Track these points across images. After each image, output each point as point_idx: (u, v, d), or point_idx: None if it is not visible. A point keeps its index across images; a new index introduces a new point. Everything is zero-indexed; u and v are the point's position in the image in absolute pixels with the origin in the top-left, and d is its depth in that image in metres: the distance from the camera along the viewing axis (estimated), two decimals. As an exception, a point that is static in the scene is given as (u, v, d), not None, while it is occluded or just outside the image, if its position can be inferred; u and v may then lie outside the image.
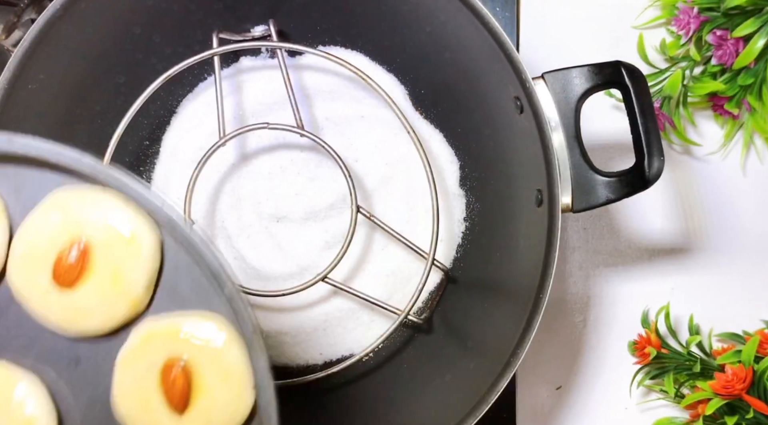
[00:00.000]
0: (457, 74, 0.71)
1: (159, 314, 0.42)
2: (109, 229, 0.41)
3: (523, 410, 0.83)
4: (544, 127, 0.59)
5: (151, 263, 0.41)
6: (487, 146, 0.72)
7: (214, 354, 0.40)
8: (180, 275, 0.41)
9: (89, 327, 0.42)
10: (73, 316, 0.41)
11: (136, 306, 0.42)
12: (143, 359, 0.41)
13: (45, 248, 0.41)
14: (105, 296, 0.41)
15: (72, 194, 0.42)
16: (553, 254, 0.59)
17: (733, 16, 0.80)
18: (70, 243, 0.41)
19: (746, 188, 0.87)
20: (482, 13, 0.61)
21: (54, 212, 0.41)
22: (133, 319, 0.42)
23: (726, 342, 0.84)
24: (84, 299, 0.41)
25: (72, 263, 0.41)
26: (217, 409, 0.40)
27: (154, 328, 0.41)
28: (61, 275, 0.41)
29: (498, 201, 0.72)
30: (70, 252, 0.41)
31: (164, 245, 0.42)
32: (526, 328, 0.59)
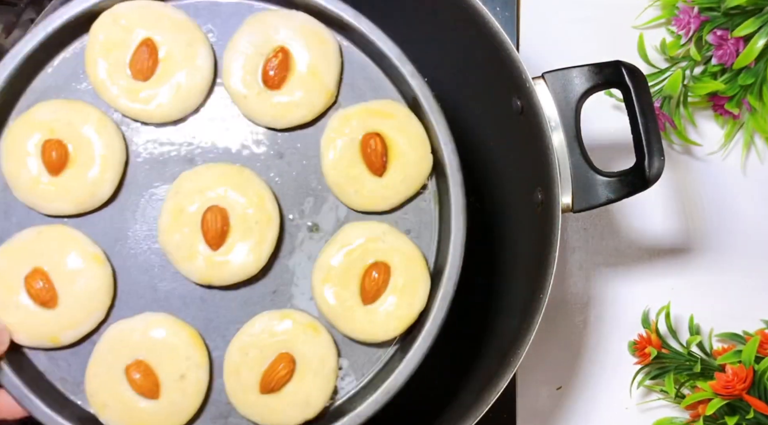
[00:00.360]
0: (457, 74, 0.71)
1: (346, 106, 0.53)
2: (304, 35, 0.51)
3: (523, 410, 0.83)
4: (544, 127, 0.59)
5: (338, 61, 0.52)
6: (487, 146, 0.72)
7: (400, 124, 0.52)
8: (356, 74, 0.53)
9: (296, 117, 0.51)
10: (283, 110, 0.51)
11: (331, 97, 0.52)
12: (345, 135, 0.51)
13: (253, 57, 0.51)
14: (307, 90, 0.51)
15: (267, 13, 0.52)
16: (553, 254, 0.59)
17: (733, 15, 0.80)
18: (274, 51, 0.51)
19: (746, 188, 0.87)
20: (482, 13, 0.61)
21: (257, 28, 0.51)
22: (327, 110, 0.53)
23: (726, 342, 0.84)
24: (291, 95, 0.51)
25: (277, 67, 0.51)
26: (409, 167, 0.52)
27: (348, 111, 0.52)
28: (270, 77, 0.51)
29: (498, 201, 0.72)
30: (274, 57, 0.51)
31: (342, 49, 0.53)
32: (526, 328, 0.59)
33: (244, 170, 0.51)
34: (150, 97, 0.50)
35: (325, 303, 0.51)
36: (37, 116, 0.50)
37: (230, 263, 0.50)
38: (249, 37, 0.51)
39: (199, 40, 0.51)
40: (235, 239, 0.50)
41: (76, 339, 0.50)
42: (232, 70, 0.51)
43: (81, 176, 0.50)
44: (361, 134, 0.52)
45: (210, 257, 0.50)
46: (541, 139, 0.60)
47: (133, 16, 0.50)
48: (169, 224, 0.50)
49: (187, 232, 0.50)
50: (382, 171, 0.52)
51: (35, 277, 0.49)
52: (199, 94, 0.51)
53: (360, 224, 0.52)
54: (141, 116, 0.51)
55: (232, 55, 0.51)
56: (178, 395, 0.50)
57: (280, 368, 0.50)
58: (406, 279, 0.51)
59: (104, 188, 0.50)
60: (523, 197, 0.64)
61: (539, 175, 0.61)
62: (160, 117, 0.51)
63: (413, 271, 0.52)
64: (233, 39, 0.51)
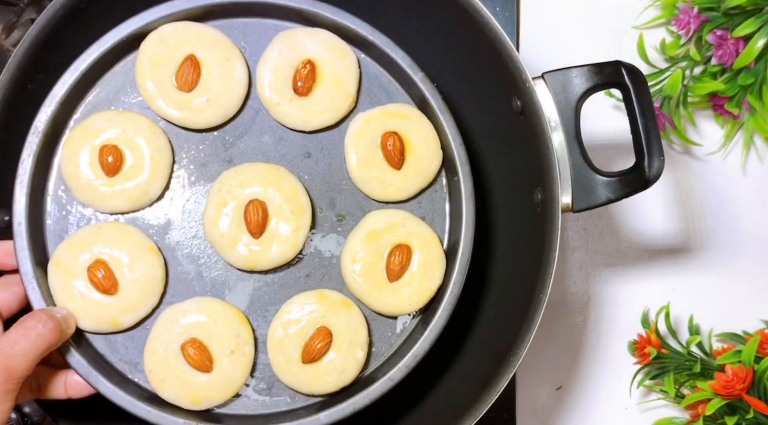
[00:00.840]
0: (457, 74, 0.71)
1: (366, 110, 0.60)
2: (328, 49, 0.59)
3: (523, 410, 0.83)
4: (544, 127, 0.59)
5: (357, 71, 0.60)
6: (487, 146, 0.72)
7: (414, 125, 0.59)
8: (372, 82, 0.61)
9: (323, 120, 0.59)
10: (311, 114, 0.58)
11: (352, 102, 0.59)
12: (367, 135, 0.59)
13: (284, 68, 0.58)
14: (332, 96, 0.59)
15: (295, 31, 0.59)
16: (552, 254, 0.59)
17: (733, 15, 0.80)
18: (302, 63, 0.58)
19: (746, 188, 0.87)
20: (482, 13, 0.61)
21: (287, 43, 0.58)
22: (349, 114, 0.60)
23: (726, 342, 0.84)
24: (318, 100, 0.59)
25: (306, 77, 0.58)
26: (423, 161, 0.59)
27: (369, 113, 0.59)
28: (299, 86, 0.58)
29: (498, 201, 0.72)
30: (303, 68, 0.58)
31: (359, 60, 0.60)
32: (526, 328, 0.59)
33: (279, 168, 0.58)
34: (193, 106, 0.57)
35: (355, 282, 0.58)
36: (94, 125, 0.56)
37: (270, 250, 0.57)
38: (279, 51, 0.58)
39: (235, 55, 0.58)
40: (273, 228, 0.57)
41: (134, 323, 0.56)
42: (265, 81, 0.58)
43: (134, 177, 0.56)
44: (380, 133, 0.59)
45: (252, 245, 0.56)
46: (541, 139, 0.60)
47: (178, 35, 0.57)
48: (214, 217, 0.56)
49: (231, 223, 0.56)
50: (400, 165, 0.59)
51: (97, 267, 0.55)
52: (237, 102, 0.58)
53: (382, 212, 0.59)
54: (186, 122, 0.58)
55: (264, 67, 0.58)
56: (229, 368, 0.56)
57: (319, 340, 0.56)
58: (425, 259, 0.58)
59: (155, 187, 0.57)
60: (523, 197, 0.64)
61: (539, 175, 0.61)
62: (203, 123, 0.58)
63: (431, 251, 0.58)
64: (265, 53, 0.58)
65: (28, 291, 0.54)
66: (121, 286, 0.55)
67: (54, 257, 0.55)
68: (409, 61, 0.59)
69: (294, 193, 0.57)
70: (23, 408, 0.76)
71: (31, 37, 0.61)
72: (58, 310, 0.54)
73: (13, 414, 0.75)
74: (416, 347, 0.57)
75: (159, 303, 0.57)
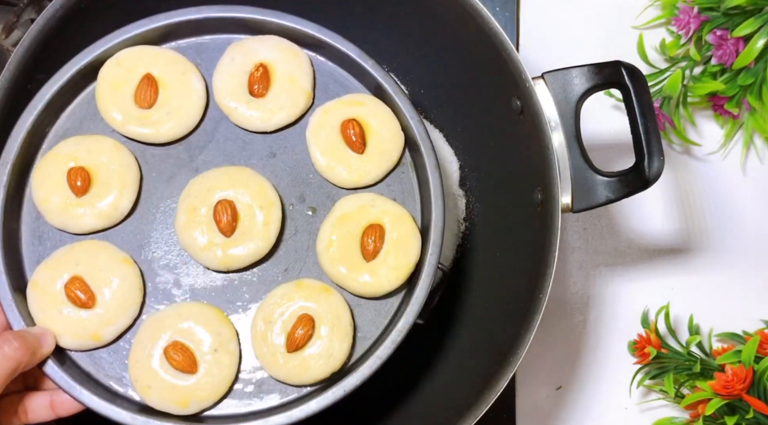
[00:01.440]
0: (457, 74, 0.71)
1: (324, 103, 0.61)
2: (279, 51, 0.60)
3: (523, 410, 0.83)
4: (544, 127, 0.59)
5: (310, 69, 0.61)
6: (487, 146, 0.72)
7: (371, 110, 0.60)
8: (326, 79, 0.62)
9: (283, 118, 0.60)
10: (270, 114, 0.60)
11: (309, 97, 0.61)
12: (327, 125, 0.60)
13: (238, 74, 0.60)
14: (288, 94, 0.60)
15: (245, 41, 0.61)
16: (552, 254, 0.59)
17: (733, 15, 0.80)
18: (255, 67, 0.60)
19: (746, 188, 0.87)
20: (482, 13, 0.61)
21: (238, 51, 0.60)
22: (307, 110, 0.61)
23: (726, 342, 0.84)
24: (274, 100, 0.60)
25: (260, 79, 0.60)
26: (385, 142, 0.60)
27: (327, 105, 0.61)
28: (255, 89, 0.60)
29: (498, 201, 0.72)
30: (256, 71, 0.60)
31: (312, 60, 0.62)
32: (526, 328, 0.59)
33: (244, 168, 0.59)
34: (155, 121, 0.59)
35: (333, 268, 0.58)
36: (61, 150, 0.58)
37: (243, 247, 0.57)
38: (232, 59, 0.60)
39: (190, 69, 0.60)
40: (244, 225, 0.57)
41: (116, 335, 0.57)
42: (221, 88, 0.60)
43: (104, 195, 0.57)
44: (339, 122, 0.60)
45: (225, 244, 0.57)
46: (540, 139, 0.60)
47: (134, 58, 0.59)
48: (185, 223, 0.57)
49: (202, 226, 0.57)
50: (362, 149, 0.59)
51: (73, 283, 0.55)
52: (196, 112, 0.60)
53: (352, 197, 0.60)
54: (149, 138, 0.59)
55: (219, 76, 0.60)
56: (215, 367, 0.56)
57: (302, 327, 0.56)
58: (399, 235, 0.58)
59: (124, 202, 0.58)
60: (523, 197, 0.64)
61: (539, 175, 0.61)
62: (166, 137, 0.59)
63: (404, 227, 0.59)
64: (220, 63, 0.60)
65: (8, 316, 0.55)
66: (98, 299, 0.56)
67: (32, 281, 0.56)
68: (359, 52, 0.60)
69: (261, 189, 0.58)
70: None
71: (30, 37, 0.61)
72: (30, 330, 0.54)
73: None
74: (401, 322, 0.57)
75: (139, 314, 0.57)
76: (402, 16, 0.70)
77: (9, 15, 0.76)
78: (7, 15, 0.76)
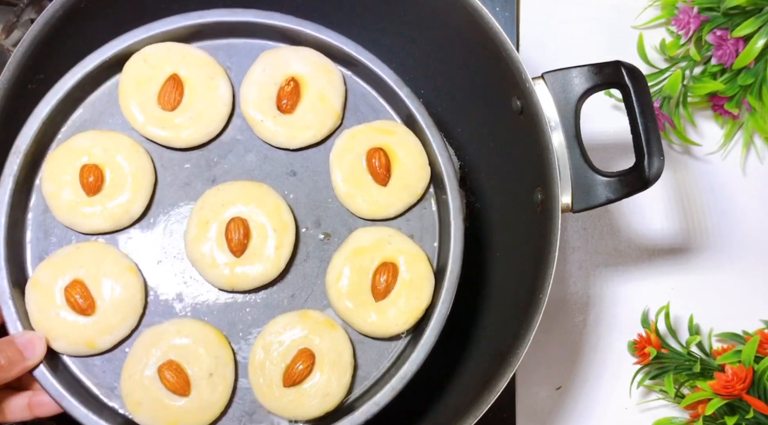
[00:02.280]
0: (457, 74, 0.71)
1: (352, 126, 0.59)
2: (312, 65, 0.58)
3: (523, 410, 0.83)
4: (544, 127, 0.59)
5: (343, 87, 0.59)
6: (487, 146, 0.72)
7: (400, 140, 0.58)
8: (358, 100, 0.60)
9: (308, 137, 0.58)
10: (296, 131, 0.57)
11: (338, 118, 0.58)
12: (352, 151, 0.58)
13: (268, 86, 0.58)
14: (316, 112, 0.58)
15: (279, 49, 0.59)
16: (552, 254, 0.59)
17: (732, 15, 0.80)
18: (285, 80, 0.58)
19: (746, 188, 0.87)
20: (482, 13, 0.61)
21: (270, 61, 0.58)
22: (334, 131, 0.59)
23: (726, 342, 0.84)
24: (302, 117, 0.58)
25: (289, 94, 0.57)
26: (410, 176, 0.58)
27: (354, 129, 0.58)
28: (283, 104, 0.58)
29: (498, 201, 0.72)
30: (286, 85, 0.58)
31: (345, 78, 0.60)
32: (525, 328, 0.59)
33: (262, 185, 0.57)
34: (176, 125, 0.56)
35: (340, 302, 0.56)
36: (75, 144, 0.56)
37: (252, 269, 0.55)
38: (263, 69, 0.58)
39: (218, 73, 0.58)
40: (255, 246, 0.55)
41: (111, 345, 0.55)
42: (249, 99, 0.57)
43: (115, 196, 0.55)
44: (366, 150, 0.58)
45: (233, 264, 0.55)
46: (540, 139, 0.60)
47: (161, 55, 0.57)
48: (196, 236, 0.55)
49: (212, 242, 0.55)
50: (386, 181, 0.57)
51: (74, 287, 0.53)
52: (220, 120, 0.57)
53: (368, 229, 0.57)
54: (168, 141, 0.57)
55: (248, 85, 0.58)
56: (208, 391, 0.54)
57: (301, 362, 0.54)
58: (413, 277, 0.56)
59: (135, 206, 0.56)
60: (523, 197, 0.64)
61: (539, 175, 0.61)
62: (186, 142, 0.57)
63: (418, 269, 0.56)
64: (250, 71, 0.58)
65: (3, 311, 0.53)
66: (98, 307, 0.54)
67: (32, 278, 0.54)
68: (395, 78, 0.58)
69: (276, 210, 0.56)
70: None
71: (30, 37, 0.61)
72: (19, 336, 0.52)
73: None
74: (404, 368, 0.55)
75: (138, 325, 0.55)
76: (402, 16, 0.70)
77: (9, 15, 0.76)
78: (7, 15, 0.76)
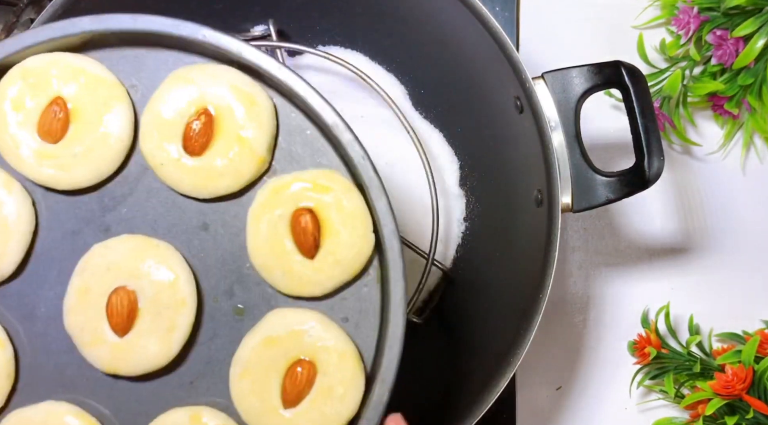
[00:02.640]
0: (457, 74, 0.71)
1: (280, 174, 0.47)
2: (231, 96, 0.45)
3: (522, 410, 0.83)
4: (544, 127, 0.59)
5: (271, 124, 0.46)
6: (487, 146, 0.72)
7: (337, 199, 0.45)
8: (293, 138, 0.47)
9: (221, 187, 0.46)
10: (205, 179, 0.46)
11: (261, 165, 0.46)
12: (274, 210, 0.46)
13: (173, 119, 0.46)
14: (233, 157, 0.45)
15: (192, 69, 0.46)
16: (552, 254, 0.59)
17: (732, 15, 0.80)
18: (196, 113, 0.46)
19: (746, 188, 0.87)
20: (482, 13, 0.61)
21: (178, 86, 0.46)
22: (257, 179, 0.47)
23: (726, 342, 0.84)
24: (214, 162, 0.45)
25: (199, 131, 0.45)
26: (344, 249, 0.45)
27: (281, 181, 0.46)
28: (191, 143, 0.45)
29: (498, 201, 0.72)
30: (197, 120, 0.45)
31: (277, 109, 0.47)
32: (525, 328, 0.59)
33: (161, 244, 0.46)
34: (60, 162, 0.45)
35: (243, 402, 0.46)
36: None
37: (137, 352, 0.45)
38: (169, 96, 0.46)
39: (116, 97, 0.46)
40: (143, 326, 0.45)
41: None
42: (148, 134, 0.46)
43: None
44: (291, 209, 0.46)
45: (116, 344, 0.45)
46: (540, 139, 0.60)
47: (44, 71, 0.45)
48: (74, 305, 0.46)
49: (92, 315, 0.45)
50: (313, 253, 0.46)
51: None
52: (115, 158, 0.46)
53: (286, 312, 0.46)
54: (49, 181, 0.46)
55: (149, 118, 0.46)
56: None
57: None
58: (335, 380, 0.45)
59: (8, 260, 0.45)
60: (523, 196, 0.64)
61: (539, 175, 0.61)
62: (70, 183, 0.46)
63: (343, 371, 0.45)
64: (152, 99, 0.46)
65: None
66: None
67: None
68: (335, 119, 0.45)
69: (174, 279, 0.45)
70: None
71: (30, 37, 0.60)
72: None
73: None
74: None
75: (5, 405, 0.46)
76: (402, 16, 0.70)
77: (9, 15, 0.76)
78: (6, 15, 0.76)
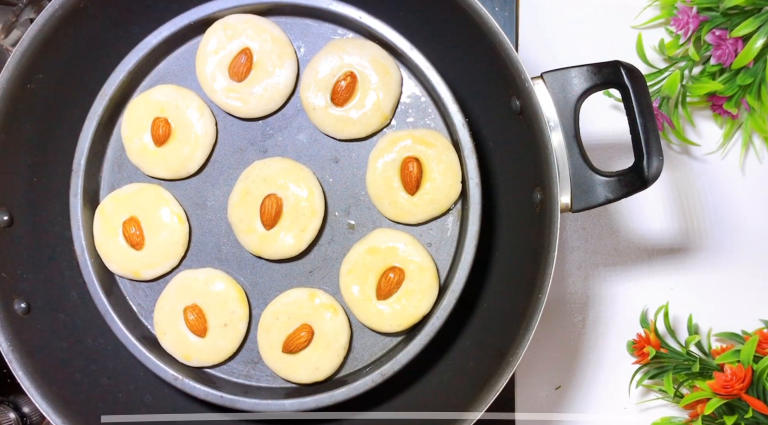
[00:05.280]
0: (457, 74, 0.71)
1: (397, 129, 0.63)
2: (373, 64, 0.62)
3: (522, 410, 0.83)
4: (543, 127, 0.59)
5: (397, 91, 0.63)
6: (487, 146, 0.72)
7: (438, 154, 0.61)
8: (411, 102, 0.63)
9: (353, 132, 0.62)
10: (342, 124, 0.62)
11: (385, 120, 0.62)
12: (389, 155, 0.61)
13: (326, 77, 0.62)
14: (366, 112, 0.62)
15: (345, 41, 0.62)
16: (552, 254, 0.59)
17: (732, 15, 0.80)
18: (344, 75, 0.61)
19: (745, 188, 0.87)
20: (481, 13, 0.61)
21: (333, 53, 0.62)
22: (380, 130, 0.63)
23: (725, 342, 0.84)
24: (351, 113, 0.62)
25: (344, 88, 0.61)
26: (438, 192, 0.61)
27: (397, 134, 0.62)
28: (337, 96, 0.62)
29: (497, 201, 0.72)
30: (343, 80, 0.61)
31: (403, 79, 0.63)
32: (525, 328, 0.59)
33: (304, 168, 0.62)
34: (241, 97, 0.62)
35: (347, 291, 0.61)
36: (153, 97, 0.63)
37: (277, 243, 0.62)
38: (326, 59, 0.62)
39: (287, 54, 0.63)
40: (284, 224, 0.61)
41: (154, 277, 0.64)
42: (306, 85, 0.62)
43: (178, 150, 0.63)
44: (402, 156, 0.61)
45: (263, 234, 0.62)
46: (540, 139, 0.60)
47: (239, 27, 0.62)
48: (237, 202, 0.62)
49: (249, 211, 0.62)
50: (414, 191, 0.61)
51: (131, 223, 0.63)
52: (280, 99, 0.63)
53: (387, 231, 0.62)
54: (231, 109, 0.63)
55: (309, 73, 0.62)
56: (221, 338, 0.62)
57: (301, 335, 0.61)
58: (417, 286, 0.60)
59: (194, 162, 0.63)
60: (523, 196, 0.64)
61: (538, 175, 0.61)
62: (246, 113, 0.63)
63: (424, 280, 0.61)
64: (313, 59, 0.62)
65: (72, 222, 0.61)
66: (147, 244, 0.62)
67: (100, 206, 0.63)
68: (447, 93, 0.61)
69: (311, 195, 0.61)
70: (22, 408, 0.76)
71: (30, 37, 0.61)
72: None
73: (11, 414, 0.75)
74: (385, 366, 0.60)
75: (179, 264, 0.64)
76: (401, 16, 0.70)
77: (8, 15, 0.76)
78: (6, 15, 0.76)
